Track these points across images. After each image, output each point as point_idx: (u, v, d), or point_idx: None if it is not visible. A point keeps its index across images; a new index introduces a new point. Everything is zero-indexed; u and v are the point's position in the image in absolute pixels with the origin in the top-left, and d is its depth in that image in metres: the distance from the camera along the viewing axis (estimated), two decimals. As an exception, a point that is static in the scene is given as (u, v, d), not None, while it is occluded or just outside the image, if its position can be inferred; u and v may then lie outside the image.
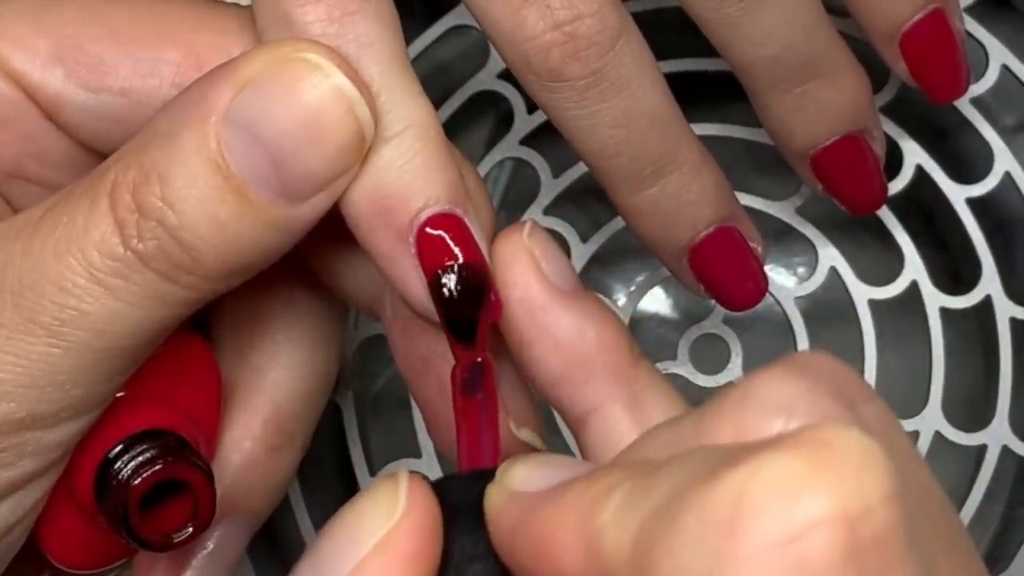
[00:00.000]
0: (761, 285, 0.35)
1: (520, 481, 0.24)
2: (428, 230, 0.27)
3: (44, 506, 0.28)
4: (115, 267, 0.26)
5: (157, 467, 0.28)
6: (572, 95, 0.30)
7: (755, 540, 0.19)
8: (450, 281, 0.27)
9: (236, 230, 0.26)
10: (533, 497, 0.23)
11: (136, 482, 0.28)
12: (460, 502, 0.24)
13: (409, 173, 0.27)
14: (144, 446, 0.28)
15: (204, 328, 0.32)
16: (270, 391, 0.32)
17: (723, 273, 0.34)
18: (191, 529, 0.28)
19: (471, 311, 0.27)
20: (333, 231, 0.28)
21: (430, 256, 0.27)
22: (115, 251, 0.26)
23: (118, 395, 0.28)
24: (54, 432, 0.27)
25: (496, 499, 0.24)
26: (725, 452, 0.20)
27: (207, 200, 0.26)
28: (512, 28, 0.30)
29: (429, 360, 0.30)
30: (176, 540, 0.28)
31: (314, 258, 0.31)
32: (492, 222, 0.29)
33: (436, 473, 0.40)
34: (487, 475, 0.24)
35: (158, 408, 0.29)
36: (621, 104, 0.31)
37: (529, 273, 0.28)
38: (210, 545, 0.32)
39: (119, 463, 0.28)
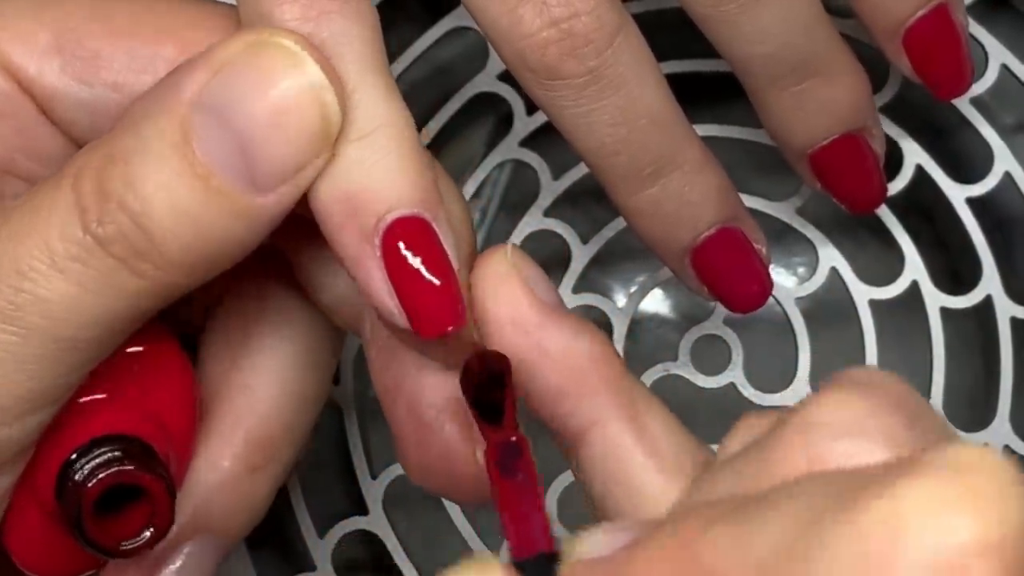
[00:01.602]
0: (766, 286, 0.35)
1: (592, 549, 0.22)
2: (402, 249, 0.27)
3: (8, 507, 0.28)
4: (74, 251, 0.26)
5: (113, 470, 0.27)
6: (569, 93, 0.30)
7: (914, 567, 0.18)
8: (474, 366, 0.27)
9: (199, 217, 0.26)
10: (616, 555, 0.22)
11: (91, 484, 0.27)
12: None
13: (378, 172, 0.27)
14: (104, 449, 0.28)
15: (194, 342, 0.32)
16: (255, 410, 0.31)
17: (726, 274, 0.34)
18: (147, 536, 0.28)
19: (497, 394, 0.26)
20: (316, 242, 0.28)
21: (398, 276, 0.27)
22: (74, 234, 0.26)
23: (89, 398, 0.28)
24: (12, 428, 0.27)
25: (575, 572, 0.22)
26: (846, 481, 0.19)
27: (171, 186, 0.25)
28: (508, 26, 0.30)
29: (401, 382, 0.29)
30: (128, 547, 0.28)
31: (299, 271, 0.31)
32: (470, 233, 0.29)
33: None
34: (553, 558, 0.23)
35: (127, 413, 0.29)
36: (619, 102, 0.30)
37: (519, 292, 0.28)
38: (179, 561, 0.31)
39: (77, 464, 0.28)
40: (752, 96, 0.34)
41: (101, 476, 0.27)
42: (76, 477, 0.28)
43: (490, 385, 0.26)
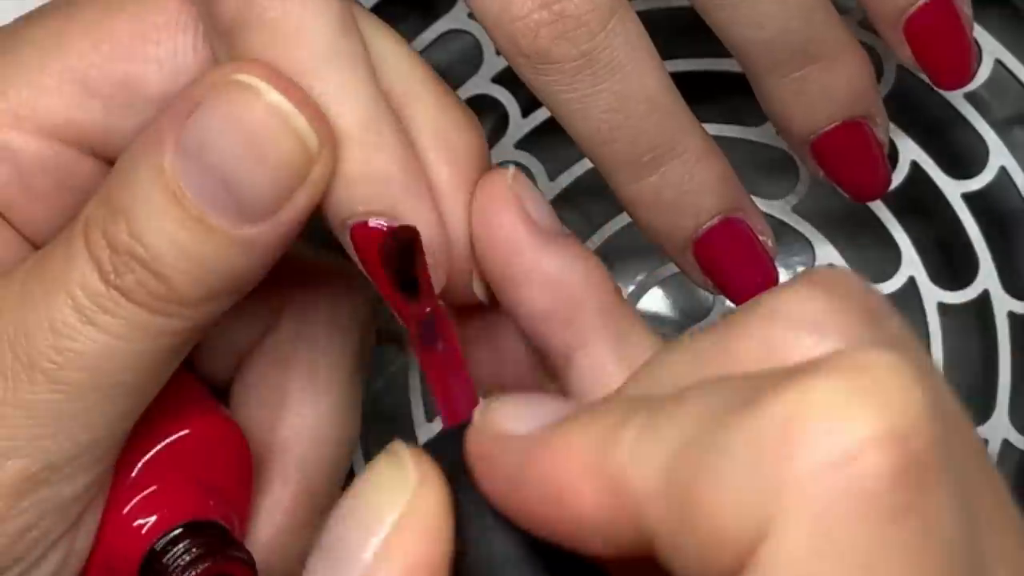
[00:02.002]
0: (771, 278, 0.34)
1: (506, 423, 0.22)
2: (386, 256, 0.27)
3: None
4: (101, 304, 0.27)
5: (207, 565, 0.28)
6: (563, 78, 0.30)
7: (811, 461, 0.19)
8: (387, 243, 0.27)
9: (202, 255, 0.26)
10: (527, 439, 0.22)
11: None
12: (454, 458, 0.23)
13: (340, 183, 0.27)
14: (190, 540, 0.29)
15: (226, 400, 0.33)
16: (298, 466, 0.32)
17: (730, 266, 0.34)
18: None
19: (408, 264, 0.27)
20: None
21: (364, 247, 0.27)
22: (97, 288, 0.27)
23: (155, 486, 0.29)
24: (70, 484, 0.27)
25: (480, 446, 0.23)
26: (759, 379, 0.20)
27: (172, 231, 0.26)
28: (499, 9, 0.30)
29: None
30: None
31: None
32: (475, 164, 0.29)
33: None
34: (457, 430, 0.23)
35: (195, 495, 0.29)
36: (614, 87, 0.30)
37: (515, 214, 0.28)
38: None
39: (167, 557, 0.29)
40: (753, 82, 0.34)
41: (196, 572, 0.28)
42: (170, 571, 0.29)
43: (403, 259, 0.27)
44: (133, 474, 0.29)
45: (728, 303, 0.40)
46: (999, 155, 0.40)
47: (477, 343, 0.31)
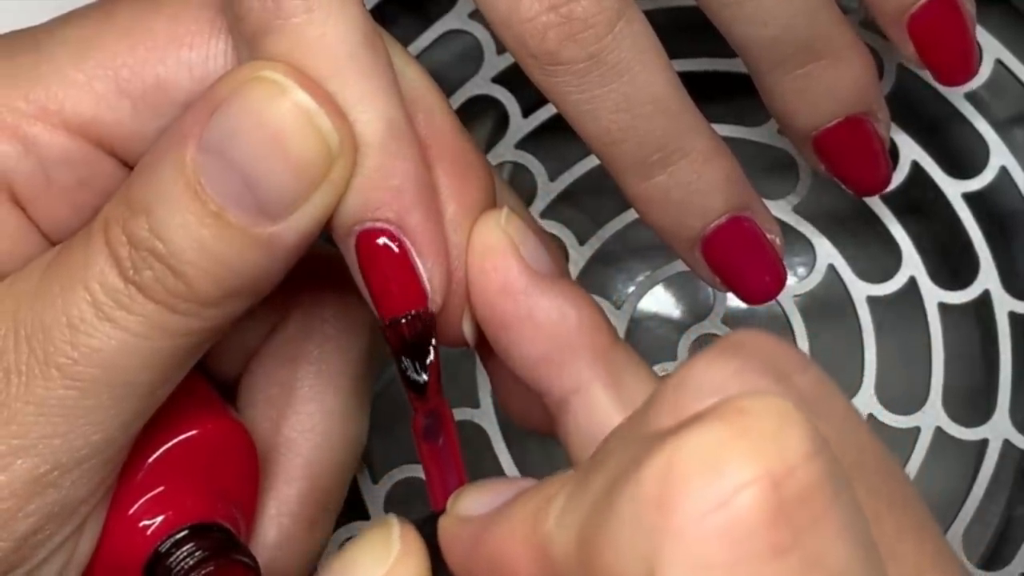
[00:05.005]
0: (779, 277, 0.35)
1: (469, 507, 0.24)
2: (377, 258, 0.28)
3: None
4: (118, 300, 0.27)
5: (210, 568, 0.29)
6: (571, 79, 0.30)
7: (686, 511, 0.19)
8: (403, 331, 0.28)
9: (221, 253, 0.26)
10: (482, 519, 0.24)
11: None
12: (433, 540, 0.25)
13: (352, 188, 0.27)
14: (195, 543, 0.29)
15: (232, 399, 0.33)
16: (305, 465, 0.32)
17: (738, 265, 0.34)
18: None
19: (422, 361, 0.28)
20: None
21: (366, 257, 0.28)
22: (115, 284, 0.27)
23: (162, 487, 0.29)
24: (78, 486, 0.27)
25: (445, 529, 0.25)
26: (653, 435, 0.20)
27: (190, 226, 0.26)
28: (507, 10, 0.30)
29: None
30: None
31: None
32: (486, 197, 0.29)
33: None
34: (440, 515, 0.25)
35: (201, 497, 0.29)
36: (622, 89, 0.30)
37: (508, 258, 0.28)
38: None
39: (171, 560, 0.29)
40: (756, 79, 0.34)
41: (202, 574, 0.29)
42: (173, 573, 0.29)
43: (416, 352, 0.28)
44: (139, 475, 0.29)
45: (729, 302, 0.40)
46: (999, 155, 0.40)
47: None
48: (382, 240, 0.27)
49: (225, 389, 0.32)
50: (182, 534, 0.29)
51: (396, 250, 0.27)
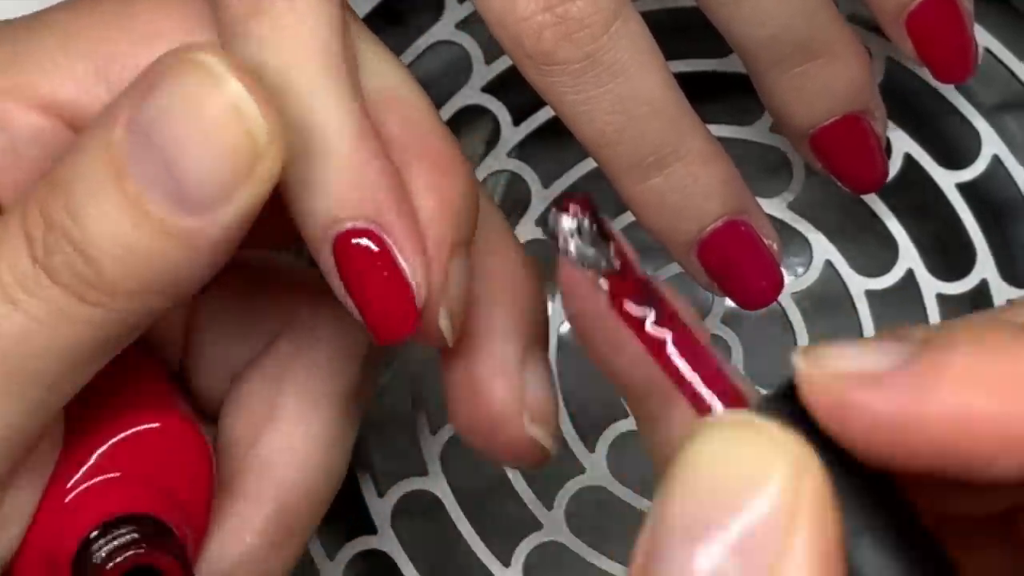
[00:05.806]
0: (776, 282, 0.35)
1: (865, 362, 0.20)
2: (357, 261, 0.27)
3: None
4: (24, 282, 0.25)
5: (131, 553, 0.28)
6: (567, 79, 0.30)
7: None
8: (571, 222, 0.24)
9: (136, 241, 0.25)
10: (904, 376, 0.20)
11: (109, 566, 0.28)
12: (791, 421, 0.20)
13: (321, 189, 0.27)
14: (122, 530, 0.28)
15: (212, 413, 0.32)
16: (277, 486, 0.31)
17: (734, 269, 0.34)
18: None
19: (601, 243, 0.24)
20: None
21: (345, 263, 0.27)
22: (23, 266, 0.25)
23: (104, 476, 0.28)
24: None
25: (840, 395, 0.20)
26: None
27: (108, 211, 0.25)
28: (503, 9, 0.30)
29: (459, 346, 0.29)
30: None
31: None
32: (470, 214, 0.28)
33: (444, 489, 0.39)
34: (781, 393, 0.21)
35: (143, 491, 0.29)
36: (618, 90, 0.30)
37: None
38: None
39: (95, 545, 0.28)
40: (753, 78, 0.34)
41: (119, 560, 0.28)
42: (94, 560, 0.28)
43: (596, 235, 0.23)
44: (82, 467, 0.28)
45: (728, 303, 0.40)
46: (991, 144, 0.40)
47: None
48: (362, 240, 0.27)
49: (210, 414, 0.32)
50: (113, 521, 0.28)
51: (376, 249, 0.27)
